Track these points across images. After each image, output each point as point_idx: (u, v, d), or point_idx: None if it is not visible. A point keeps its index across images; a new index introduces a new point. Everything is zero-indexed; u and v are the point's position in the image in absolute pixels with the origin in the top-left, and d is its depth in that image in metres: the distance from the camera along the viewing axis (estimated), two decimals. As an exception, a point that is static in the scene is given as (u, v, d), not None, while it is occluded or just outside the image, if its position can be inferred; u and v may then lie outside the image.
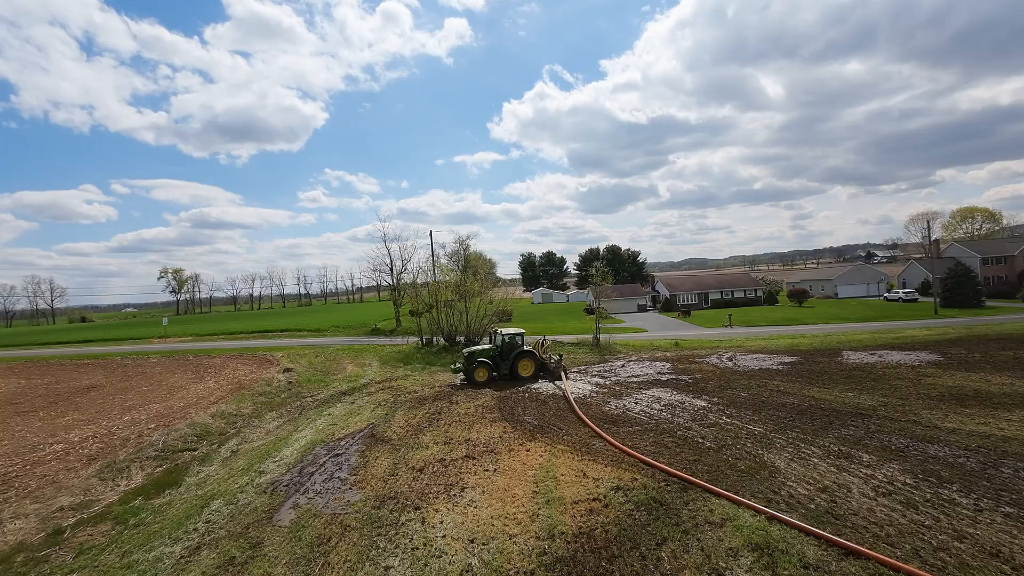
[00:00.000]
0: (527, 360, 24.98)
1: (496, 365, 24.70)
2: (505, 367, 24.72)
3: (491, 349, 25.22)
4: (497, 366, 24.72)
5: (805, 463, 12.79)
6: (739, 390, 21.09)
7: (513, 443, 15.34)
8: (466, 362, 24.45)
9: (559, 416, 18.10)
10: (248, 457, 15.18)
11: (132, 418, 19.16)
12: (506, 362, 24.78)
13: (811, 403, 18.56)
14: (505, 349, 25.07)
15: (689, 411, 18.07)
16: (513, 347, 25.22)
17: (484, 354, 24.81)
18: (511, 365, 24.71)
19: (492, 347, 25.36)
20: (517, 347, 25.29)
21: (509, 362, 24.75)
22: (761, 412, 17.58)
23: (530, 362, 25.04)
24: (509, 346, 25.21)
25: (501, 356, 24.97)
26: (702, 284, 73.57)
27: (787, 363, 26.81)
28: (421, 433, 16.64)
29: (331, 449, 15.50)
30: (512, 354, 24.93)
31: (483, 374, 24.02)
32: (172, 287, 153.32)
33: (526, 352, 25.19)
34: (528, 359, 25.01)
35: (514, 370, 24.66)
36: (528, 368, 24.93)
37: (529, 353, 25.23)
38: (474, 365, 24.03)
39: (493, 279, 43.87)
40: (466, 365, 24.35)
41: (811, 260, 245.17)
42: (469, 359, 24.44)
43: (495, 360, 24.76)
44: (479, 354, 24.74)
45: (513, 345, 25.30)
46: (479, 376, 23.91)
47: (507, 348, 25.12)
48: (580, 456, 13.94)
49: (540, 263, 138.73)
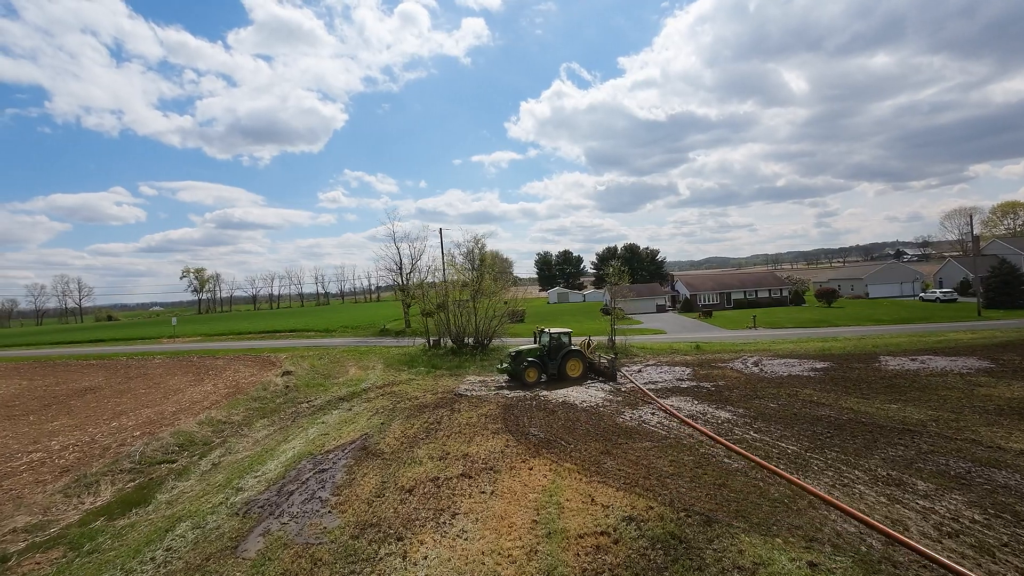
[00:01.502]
0: (576, 360, 24.13)
1: (544, 365, 23.78)
2: (553, 367, 23.81)
3: (538, 349, 24.35)
4: (545, 366, 23.80)
5: (849, 491, 11.06)
6: (767, 400, 19.26)
7: (515, 459, 13.91)
8: (513, 362, 23.64)
9: (568, 428, 16.59)
10: (228, 471, 14.07)
11: (120, 424, 18.34)
12: (554, 362, 23.86)
13: (850, 416, 16.67)
14: (553, 349, 24.17)
15: (712, 424, 16.36)
16: (561, 347, 24.29)
17: (532, 354, 23.94)
18: (559, 365, 23.83)
19: (539, 347, 24.51)
20: (565, 347, 24.36)
21: (557, 362, 23.84)
22: (793, 426, 15.78)
23: (579, 362, 24.18)
24: (557, 346, 24.28)
25: (549, 356, 24.07)
26: (724, 283, 70.90)
27: (819, 369, 24.76)
28: (416, 446, 15.33)
29: (317, 463, 14.30)
30: (560, 354, 24.02)
31: (534, 375, 23.23)
32: (194, 286, 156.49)
33: (574, 352, 24.36)
34: (577, 359, 24.18)
35: (562, 370, 23.86)
36: (577, 368, 24.07)
37: (578, 353, 24.44)
38: (524, 365, 23.15)
39: (509, 278, 42.42)
40: (513, 365, 23.54)
41: (837, 259, 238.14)
42: (517, 359, 23.62)
43: (543, 360, 23.86)
44: (527, 354, 23.87)
45: (561, 345, 24.36)
46: (530, 377, 23.08)
47: (555, 348, 24.20)
48: (588, 476, 12.44)
49: (556, 262, 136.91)
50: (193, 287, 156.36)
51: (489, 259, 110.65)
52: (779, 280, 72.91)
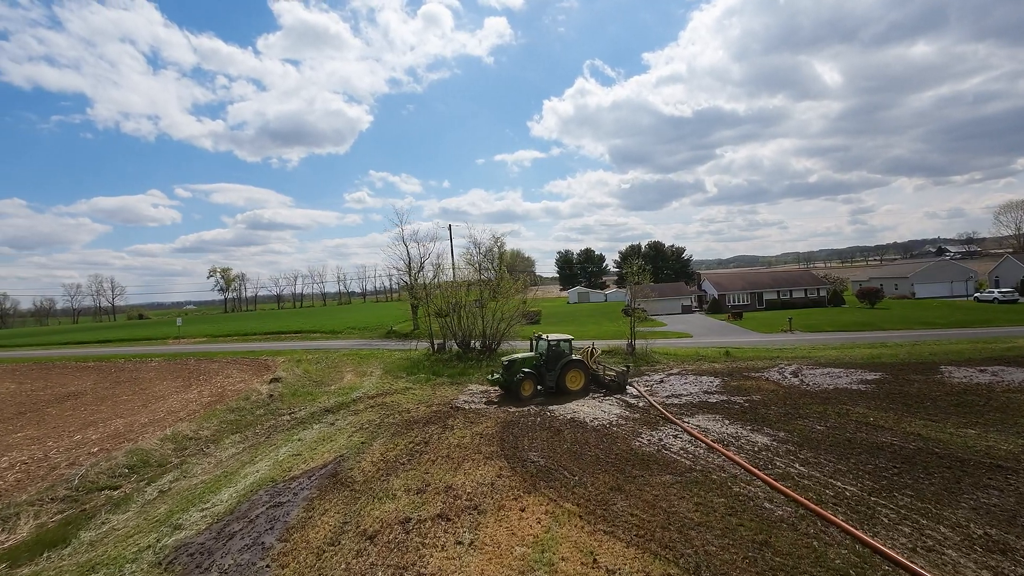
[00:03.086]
0: (576, 371, 21.27)
1: (541, 376, 20.99)
2: (551, 379, 20.98)
3: (535, 357, 21.44)
4: (542, 377, 20.99)
5: (937, 558, 8.35)
6: (812, 420, 16.37)
7: (506, 495, 11.57)
8: (506, 372, 20.83)
9: (573, 454, 14.12)
10: (174, 501, 12.16)
11: (84, 437, 16.78)
12: (552, 373, 20.99)
13: (918, 444, 13.71)
14: (551, 358, 21.25)
15: (747, 452, 13.65)
16: (560, 355, 21.39)
17: (527, 363, 21.08)
18: (558, 376, 20.98)
19: (536, 355, 21.62)
20: (565, 355, 21.45)
21: (556, 373, 20.97)
22: (849, 458, 12.95)
23: (580, 373, 21.32)
24: (556, 354, 21.37)
25: (546, 366, 21.15)
26: (755, 283, 66.79)
27: (870, 381, 21.57)
28: (394, 473, 13.13)
29: (276, 494, 12.25)
30: (560, 364, 21.09)
31: (529, 388, 20.45)
32: (220, 285, 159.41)
33: (575, 361, 21.43)
34: (578, 370, 21.31)
35: (561, 382, 21.02)
36: (578, 380, 21.21)
37: (579, 363, 21.52)
38: (519, 377, 20.32)
39: (519, 277, 40.05)
40: (506, 377, 20.74)
41: (873, 256, 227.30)
42: (510, 369, 20.83)
43: (539, 371, 21.03)
44: (522, 363, 21.02)
45: (560, 353, 21.45)
46: (525, 390, 20.26)
47: (554, 357, 21.29)
48: (592, 524, 10.00)
49: (578, 261, 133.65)
50: (220, 286, 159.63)
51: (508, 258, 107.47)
52: (815, 279, 68.25)
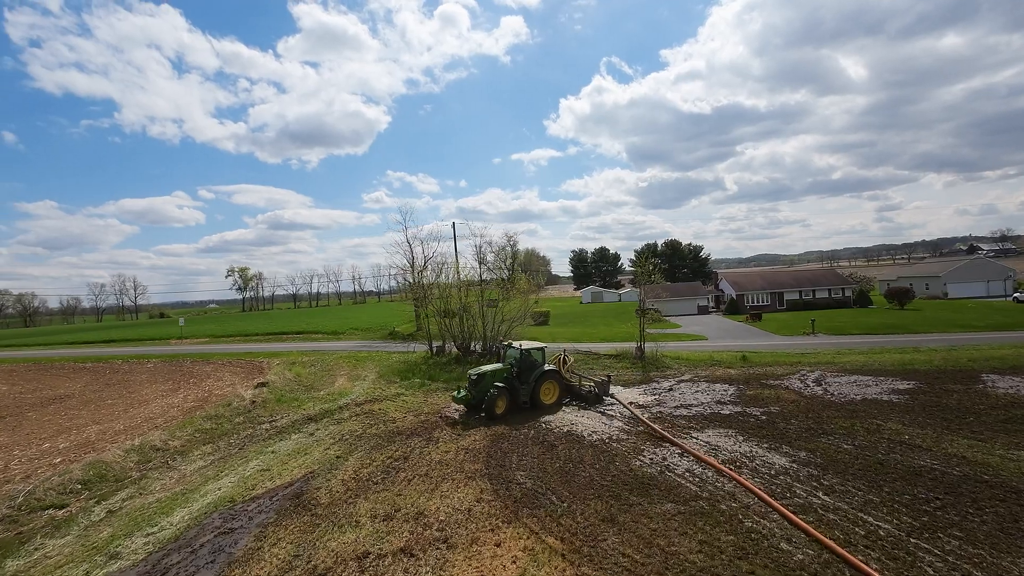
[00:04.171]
0: (551, 383, 19.16)
1: (514, 391, 18.50)
2: (525, 393, 18.58)
3: (506, 369, 19.08)
4: (515, 392, 18.49)
5: (1000, 629, 6.67)
6: (838, 437, 14.58)
7: (482, 524, 10.18)
8: (473, 388, 18.25)
9: (564, 474, 12.64)
10: (120, 524, 11.08)
11: (52, 446, 15.95)
12: (526, 386, 18.61)
13: (963, 470, 11.87)
14: (524, 369, 18.94)
15: (763, 476, 12.00)
16: (534, 365, 19.13)
17: (498, 376, 18.66)
18: (532, 390, 18.67)
19: (507, 367, 19.22)
20: (538, 366, 19.21)
21: (530, 386, 18.61)
22: (881, 486, 11.20)
23: (554, 385, 19.25)
24: (529, 364, 19.07)
25: (519, 378, 18.79)
26: (776, 282, 64.08)
27: (902, 391, 19.56)
28: (364, 495, 11.84)
29: (231, 518, 11.07)
30: (533, 375, 18.79)
31: (503, 404, 17.87)
32: (238, 284, 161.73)
33: (550, 372, 19.29)
34: (552, 381, 19.22)
35: (536, 396, 18.82)
36: (552, 393, 19.15)
37: (553, 373, 19.45)
38: (492, 393, 17.73)
39: (544, 276, 38.80)
40: (474, 393, 18.21)
41: (900, 255, 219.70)
42: (478, 383, 18.23)
43: (512, 384, 18.60)
44: (492, 376, 18.53)
45: (533, 364, 19.18)
46: (499, 408, 17.69)
47: (527, 367, 18.98)
48: (576, 566, 8.55)
49: (592, 260, 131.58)
50: (237, 285, 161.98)
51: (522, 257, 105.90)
52: (840, 278, 65.15)
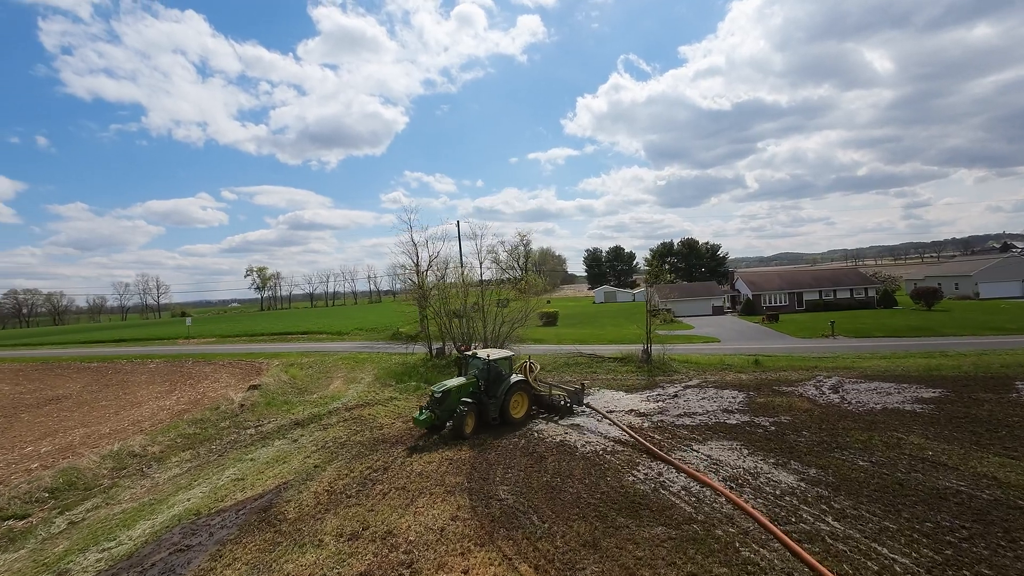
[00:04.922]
0: (519, 395, 17.58)
1: (483, 406, 16.80)
2: (495, 408, 16.89)
3: (472, 383, 17.25)
4: (484, 408, 16.78)
5: None
6: (853, 452, 13.38)
7: (453, 547, 9.38)
8: (438, 406, 16.32)
9: (550, 490, 11.76)
10: (78, 537, 10.60)
11: (34, 449, 15.72)
12: (495, 400, 16.92)
13: (993, 493, 10.62)
14: (492, 381, 17.19)
15: (766, 496, 10.93)
16: (501, 378, 17.41)
17: (464, 391, 16.90)
18: (502, 404, 16.97)
19: (472, 380, 17.40)
20: (505, 377, 17.56)
21: (499, 400, 16.95)
22: (900, 510, 10.04)
23: (523, 397, 17.75)
24: (497, 376, 17.33)
25: (487, 392, 17.05)
26: (794, 281, 61.84)
27: (927, 400, 18.14)
28: (333, 510, 11.15)
29: (191, 532, 10.48)
30: (502, 388, 17.13)
31: (472, 422, 16.28)
32: (257, 284, 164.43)
33: (519, 384, 17.63)
34: (521, 393, 17.66)
35: (506, 410, 17.06)
36: (521, 407, 17.60)
37: (523, 384, 17.82)
38: (462, 410, 16.02)
39: (560, 274, 38.00)
40: (437, 412, 16.29)
41: (929, 253, 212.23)
42: (443, 401, 16.35)
43: (480, 399, 16.91)
44: (458, 392, 16.75)
45: (500, 376, 17.48)
46: (469, 427, 16.07)
47: (494, 380, 17.25)
48: (546, 601, 7.68)
49: (607, 259, 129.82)
50: (256, 285, 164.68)
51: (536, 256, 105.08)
52: (863, 277, 62.57)
